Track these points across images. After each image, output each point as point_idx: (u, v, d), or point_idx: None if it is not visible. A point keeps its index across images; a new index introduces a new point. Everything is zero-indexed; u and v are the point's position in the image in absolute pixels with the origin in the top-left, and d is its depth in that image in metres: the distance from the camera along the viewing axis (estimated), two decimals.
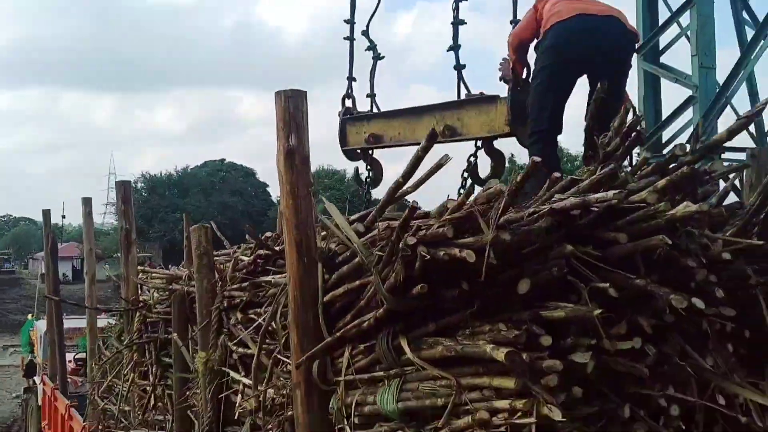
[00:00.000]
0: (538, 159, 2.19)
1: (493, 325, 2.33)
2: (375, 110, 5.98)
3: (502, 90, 4.94)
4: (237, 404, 4.06)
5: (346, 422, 2.90)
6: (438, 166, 2.45)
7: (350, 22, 6.23)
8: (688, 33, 7.82)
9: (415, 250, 2.26)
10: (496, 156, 5.18)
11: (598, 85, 3.14)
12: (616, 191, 2.19)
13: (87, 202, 7.97)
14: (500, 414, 2.24)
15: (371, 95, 6.02)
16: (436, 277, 2.40)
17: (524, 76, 4.82)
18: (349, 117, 5.91)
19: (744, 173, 3.41)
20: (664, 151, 6.74)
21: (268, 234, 4.27)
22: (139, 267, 6.22)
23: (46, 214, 9.96)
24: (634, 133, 2.53)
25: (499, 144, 5.26)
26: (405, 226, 2.32)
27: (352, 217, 2.98)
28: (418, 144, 2.99)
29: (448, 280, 2.39)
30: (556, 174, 2.44)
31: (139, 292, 6.18)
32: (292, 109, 2.82)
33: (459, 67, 5.47)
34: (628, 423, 2.36)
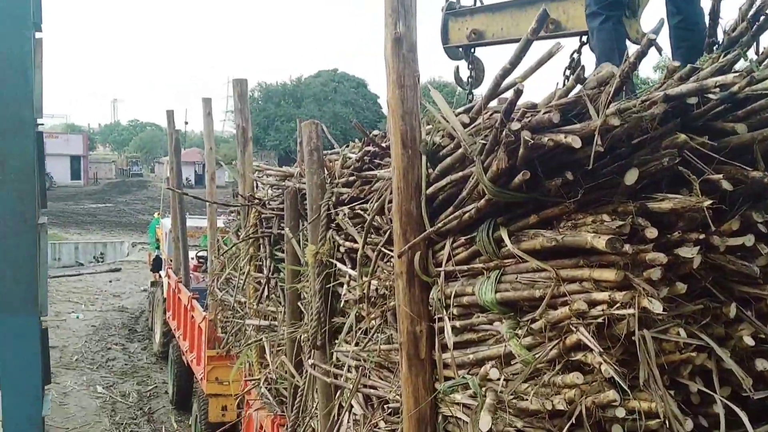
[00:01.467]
0: (653, 36, 2.06)
1: (596, 216, 2.29)
2: (479, 4, 5.72)
3: None
4: (343, 295, 4.24)
5: (445, 312, 2.97)
6: (549, 55, 2.35)
7: None
8: None
9: (519, 136, 2.22)
10: None
11: None
12: (737, 74, 2.05)
13: (207, 103, 8.31)
14: (599, 306, 2.23)
15: None
16: (541, 168, 2.36)
17: None
18: (451, 11, 5.69)
19: None
20: None
21: (376, 132, 4.30)
22: (255, 164, 6.48)
23: (170, 114, 10.49)
24: (763, 17, 2.32)
25: None
26: (510, 111, 2.27)
27: (458, 110, 2.95)
28: None
29: (553, 170, 2.35)
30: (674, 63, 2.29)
31: (255, 189, 6.45)
32: None
33: None
34: (732, 323, 2.30)
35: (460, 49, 5.69)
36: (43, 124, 5.39)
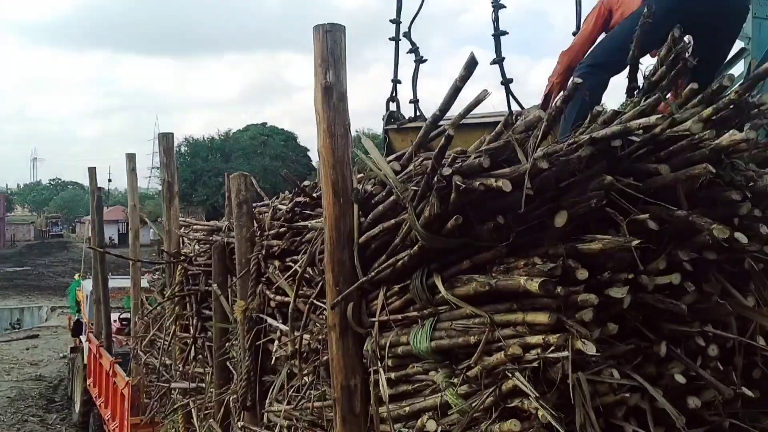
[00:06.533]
0: (579, 80, 2.12)
1: (528, 259, 2.30)
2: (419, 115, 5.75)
3: None
4: (274, 352, 4.11)
5: (379, 364, 2.90)
6: (477, 101, 2.39)
7: (396, 22, 5.78)
8: None
9: (451, 181, 2.23)
10: None
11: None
12: (659, 116, 2.12)
13: (131, 158, 8.12)
14: (533, 350, 2.21)
15: (414, 101, 5.69)
16: (472, 213, 2.37)
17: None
18: (392, 127, 5.69)
19: None
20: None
21: (306, 182, 4.27)
22: (180, 219, 6.31)
23: (92, 171, 10.18)
24: (681, 62, 2.43)
25: None
26: (441, 156, 2.28)
27: (389, 157, 2.95)
28: None
29: (484, 215, 2.36)
30: (598, 108, 2.37)
31: (181, 246, 6.26)
32: (331, 45, 2.76)
33: (506, 81, 5.02)
34: (664, 362, 2.32)
35: None
36: None
